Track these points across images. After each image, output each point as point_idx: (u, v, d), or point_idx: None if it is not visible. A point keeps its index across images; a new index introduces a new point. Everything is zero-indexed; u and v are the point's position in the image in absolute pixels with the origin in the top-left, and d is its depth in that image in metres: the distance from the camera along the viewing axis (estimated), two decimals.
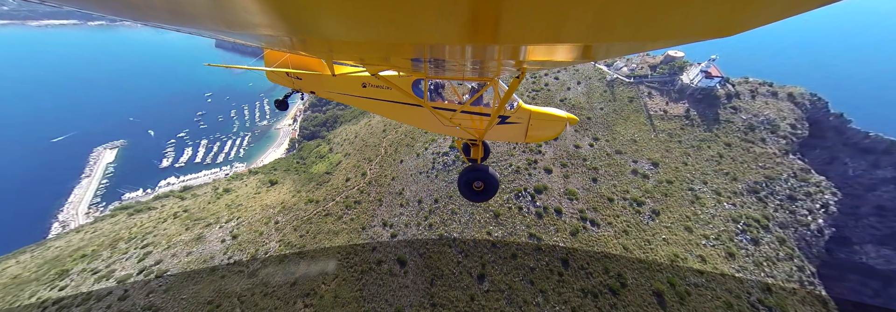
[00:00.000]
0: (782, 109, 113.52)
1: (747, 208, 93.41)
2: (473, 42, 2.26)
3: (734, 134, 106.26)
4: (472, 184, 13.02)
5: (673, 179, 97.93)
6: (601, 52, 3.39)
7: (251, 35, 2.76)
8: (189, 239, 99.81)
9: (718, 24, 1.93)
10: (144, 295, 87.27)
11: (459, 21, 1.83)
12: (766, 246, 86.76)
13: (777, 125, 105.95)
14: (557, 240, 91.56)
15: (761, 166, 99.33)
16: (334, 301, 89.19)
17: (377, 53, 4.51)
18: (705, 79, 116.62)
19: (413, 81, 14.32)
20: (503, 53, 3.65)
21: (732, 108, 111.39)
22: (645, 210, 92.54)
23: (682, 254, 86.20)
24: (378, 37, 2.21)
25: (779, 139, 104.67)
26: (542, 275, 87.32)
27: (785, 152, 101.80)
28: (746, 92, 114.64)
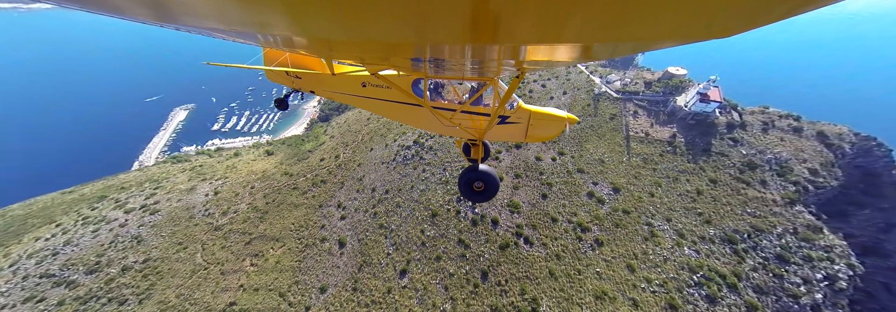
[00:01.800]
0: (803, 150, 68.21)
1: (714, 258, 56.94)
2: (473, 42, 1.77)
3: (725, 170, 67.53)
4: (472, 184, 9.83)
5: (631, 209, 63.83)
6: (602, 51, 2.51)
7: (250, 34, 2.12)
8: (184, 189, 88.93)
9: (719, 23, 1.46)
10: (136, 226, 78.58)
11: (459, 21, 1.41)
12: (726, 309, 52.44)
13: (789, 168, 65.02)
14: (484, 251, 69.28)
15: (750, 213, 61.34)
16: (275, 266, 76.89)
17: (377, 52, 3.18)
18: (700, 102, 74.74)
19: (413, 81, 10.27)
20: (503, 52, 2.72)
21: (731, 139, 71.73)
22: (588, 238, 60.54)
23: (611, 293, 58.83)
24: (378, 37, 1.72)
25: (787, 185, 63.60)
26: (459, 283, 66.89)
27: (790, 201, 61.39)
28: (757, 123, 73.22)
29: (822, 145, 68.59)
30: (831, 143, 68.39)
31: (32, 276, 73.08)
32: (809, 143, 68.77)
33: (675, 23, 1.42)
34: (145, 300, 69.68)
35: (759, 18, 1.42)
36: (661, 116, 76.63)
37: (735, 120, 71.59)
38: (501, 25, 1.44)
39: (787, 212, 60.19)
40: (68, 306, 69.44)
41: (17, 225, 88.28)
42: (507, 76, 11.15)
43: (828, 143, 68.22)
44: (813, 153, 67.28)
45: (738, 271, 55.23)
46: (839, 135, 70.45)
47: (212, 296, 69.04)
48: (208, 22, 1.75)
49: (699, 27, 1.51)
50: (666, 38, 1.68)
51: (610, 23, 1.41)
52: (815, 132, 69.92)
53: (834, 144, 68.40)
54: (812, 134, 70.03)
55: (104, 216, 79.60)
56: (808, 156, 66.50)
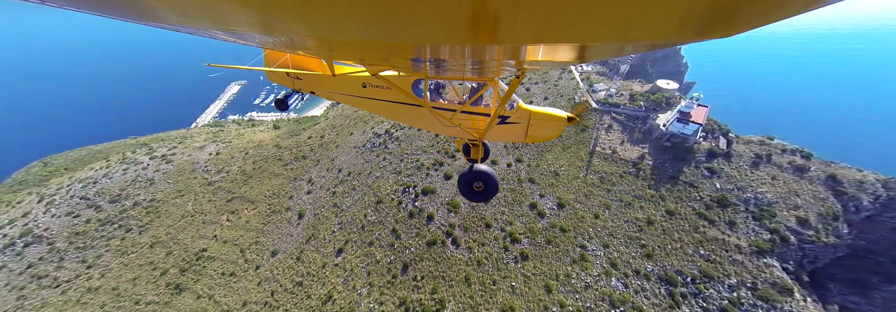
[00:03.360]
0: (799, 194, 51.38)
1: (643, 296, 45.30)
2: (474, 42, 1.55)
3: (689, 203, 52.74)
4: (472, 184, 8.73)
5: (570, 228, 52.96)
6: (602, 51, 2.28)
7: (250, 35, 1.90)
8: (197, 146, 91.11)
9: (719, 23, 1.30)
10: (153, 171, 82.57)
11: (459, 21, 1.26)
12: None
13: (770, 212, 49.37)
14: (412, 244, 62.25)
15: (702, 256, 47.49)
16: (244, 225, 76.06)
17: (377, 52, 2.90)
18: (678, 122, 58.84)
19: (413, 81, 9.10)
20: (503, 52, 2.42)
21: (708, 169, 55.61)
22: (515, 250, 51.50)
23: (519, 310, 49.63)
24: (378, 37, 1.52)
25: (761, 231, 48.60)
26: (381, 271, 60.85)
27: (758, 251, 46.78)
28: (748, 155, 56.34)
29: (830, 192, 51.68)
30: (844, 191, 51.25)
31: (76, 196, 79.78)
32: (811, 187, 52.14)
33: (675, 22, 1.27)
34: (144, 232, 73.01)
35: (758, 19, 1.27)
36: (637, 133, 62.74)
37: (720, 148, 56.11)
38: (501, 25, 1.29)
39: (752, 263, 46.21)
40: (92, 224, 74.87)
41: (90, 157, 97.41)
42: (507, 76, 8.89)
43: (839, 190, 51.22)
44: (812, 200, 50.93)
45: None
46: (859, 183, 52.65)
47: (191, 240, 70.51)
48: (209, 24, 1.56)
49: (699, 27, 1.33)
50: (666, 37, 1.47)
51: (609, 22, 1.27)
52: (825, 175, 52.78)
53: (847, 192, 51.21)
54: (819, 177, 53.04)
55: (136, 159, 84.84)
56: (802, 202, 50.45)
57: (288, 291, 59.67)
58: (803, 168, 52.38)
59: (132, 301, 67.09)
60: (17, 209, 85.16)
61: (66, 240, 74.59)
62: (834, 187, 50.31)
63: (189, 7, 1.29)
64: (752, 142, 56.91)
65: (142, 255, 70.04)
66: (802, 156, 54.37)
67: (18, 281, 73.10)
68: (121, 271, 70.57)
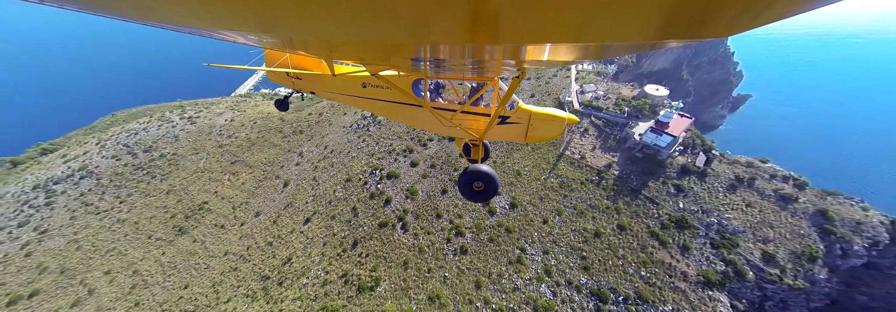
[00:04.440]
0: (776, 226, 41.96)
1: (568, 307, 40.49)
2: (474, 42, 1.43)
3: (644, 220, 45.52)
4: (472, 184, 7.45)
5: (515, 229, 48.16)
6: (602, 51, 2.11)
7: (250, 35, 1.79)
8: (217, 113, 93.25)
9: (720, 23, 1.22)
10: (179, 130, 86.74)
11: (459, 21, 1.18)
12: None
13: (733, 242, 41.19)
14: (366, 223, 59.75)
15: (642, 277, 41.29)
16: (241, 186, 77.60)
17: (377, 52, 2.63)
18: (652, 132, 50.55)
19: (413, 81, 8.38)
20: (503, 52, 2.20)
21: (676, 187, 47.18)
22: (457, 243, 47.89)
23: (445, 300, 45.33)
24: (378, 37, 1.41)
25: (715, 261, 40.76)
26: (334, 243, 59.52)
27: (705, 281, 39.55)
28: (726, 175, 46.90)
29: (814, 230, 42.32)
30: (833, 230, 41.67)
31: (121, 143, 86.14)
32: (791, 220, 42.94)
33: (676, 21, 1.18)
34: (164, 180, 77.47)
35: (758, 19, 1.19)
36: (611, 140, 54.67)
37: (695, 165, 47.31)
38: (501, 25, 1.21)
39: (695, 293, 39.42)
40: (128, 168, 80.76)
41: (142, 113, 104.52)
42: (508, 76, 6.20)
43: (827, 228, 41.75)
44: (788, 235, 42.03)
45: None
46: (856, 224, 42.60)
47: (197, 192, 73.78)
48: (209, 24, 1.44)
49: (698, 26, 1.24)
50: (666, 37, 1.36)
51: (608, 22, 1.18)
52: (814, 209, 43.16)
53: (836, 233, 41.60)
54: (806, 210, 43.48)
55: (169, 118, 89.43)
56: (775, 236, 41.76)
57: (260, 248, 60.86)
58: (789, 198, 42.89)
59: (146, 234, 72.10)
60: (82, 148, 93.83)
61: (108, 178, 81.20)
62: (821, 225, 40.81)
63: (189, 7, 1.21)
64: (737, 163, 47.41)
65: (159, 199, 74.71)
66: (795, 185, 44.48)
67: (73, 204, 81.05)
68: (142, 209, 75.92)
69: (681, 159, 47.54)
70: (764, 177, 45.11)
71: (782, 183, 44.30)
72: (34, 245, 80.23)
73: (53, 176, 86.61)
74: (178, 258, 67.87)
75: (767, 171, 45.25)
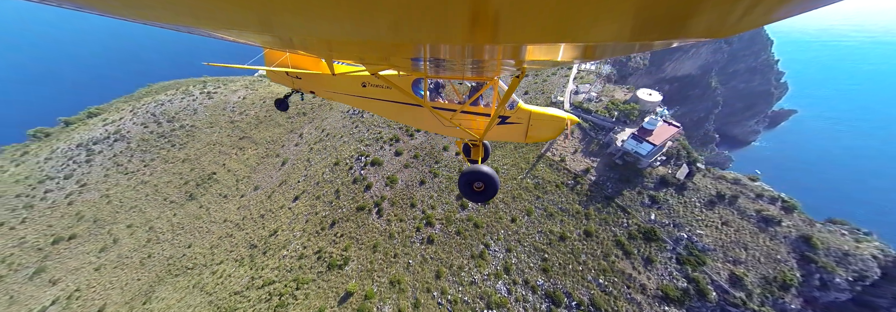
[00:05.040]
0: (750, 248, 37.69)
1: (521, 306, 39.19)
2: (474, 42, 1.36)
3: (612, 228, 42.18)
4: (472, 184, 7.06)
5: (483, 225, 46.14)
6: (602, 51, 2.02)
7: (250, 35, 1.67)
8: (233, 90, 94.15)
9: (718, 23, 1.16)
10: (198, 103, 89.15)
11: (460, 21, 1.14)
12: None
13: (699, 260, 37.18)
14: (345, 205, 58.85)
15: (599, 285, 38.59)
16: (245, 161, 78.03)
17: (377, 52, 2.51)
18: (633, 139, 45.79)
19: (413, 81, 7.77)
20: (503, 52, 2.12)
21: (651, 198, 43.02)
22: (425, 232, 47.07)
23: (404, 285, 44.40)
24: (378, 37, 1.35)
25: (678, 277, 37.22)
26: (315, 221, 59.11)
27: (664, 297, 36.27)
28: (708, 191, 41.87)
29: (793, 256, 37.94)
30: (814, 259, 37.17)
31: (149, 112, 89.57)
32: (770, 244, 38.62)
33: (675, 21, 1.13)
34: (181, 149, 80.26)
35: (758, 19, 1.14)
36: (594, 145, 50.58)
37: (675, 177, 43.00)
38: (501, 25, 1.17)
39: (651, 307, 36.70)
40: (153, 135, 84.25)
41: (172, 86, 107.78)
42: (508, 76, 6.89)
43: (808, 256, 37.28)
44: (762, 259, 37.94)
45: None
46: (843, 254, 37.81)
47: (208, 163, 76.15)
48: (209, 24, 1.39)
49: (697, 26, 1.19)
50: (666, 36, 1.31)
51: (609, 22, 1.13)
52: (797, 235, 38.53)
53: (818, 262, 37.13)
54: (789, 235, 38.89)
55: (192, 92, 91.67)
56: (748, 258, 37.79)
57: (253, 219, 62.31)
58: (771, 220, 38.32)
59: (162, 196, 75.64)
60: (119, 114, 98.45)
61: (136, 143, 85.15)
62: (803, 252, 36.35)
63: (189, 7, 1.16)
64: (723, 178, 42.66)
65: (176, 166, 77.63)
66: (783, 207, 39.64)
67: (106, 164, 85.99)
68: (162, 174, 79.38)
69: (662, 169, 43.25)
70: (748, 196, 40.37)
71: (768, 204, 39.52)
72: (75, 196, 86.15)
73: (93, 137, 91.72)
74: (185, 221, 70.94)
75: (754, 190, 40.42)
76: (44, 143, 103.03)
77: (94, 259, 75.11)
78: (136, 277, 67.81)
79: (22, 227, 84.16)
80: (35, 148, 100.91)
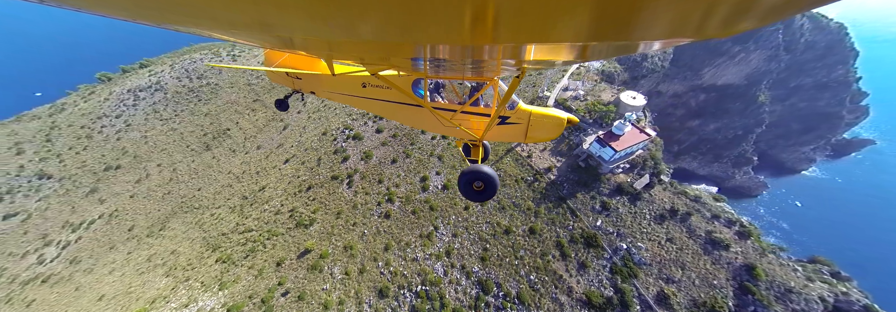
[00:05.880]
0: (687, 269, 33.05)
1: (453, 288, 38.52)
2: (474, 42, 1.27)
3: (556, 229, 39.11)
4: (472, 184, 6.66)
5: (437, 208, 44.60)
6: (602, 51, 1.83)
7: (250, 35, 1.55)
8: (253, 55, 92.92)
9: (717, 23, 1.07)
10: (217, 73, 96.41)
11: (460, 21, 1.07)
12: None
13: (633, 273, 33.82)
14: (323, 173, 58.20)
15: (529, 282, 36.84)
16: (255, 122, 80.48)
17: (377, 52, 2.40)
18: (597, 143, 40.96)
19: (413, 81, 7.27)
20: (503, 52, 1.96)
21: (602, 204, 38.96)
22: (385, 208, 46.00)
23: (356, 252, 41.92)
24: (378, 37, 1.26)
25: (606, 285, 34.35)
26: (295, 184, 58.39)
27: (587, 301, 33.52)
28: (662, 204, 37.05)
29: (732, 284, 34.03)
30: (752, 289, 33.14)
31: (184, 68, 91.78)
32: (711, 267, 34.73)
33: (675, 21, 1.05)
34: (205, 104, 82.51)
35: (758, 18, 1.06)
36: (564, 144, 46.08)
37: (633, 186, 38.61)
38: (500, 25, 1.10)
39: (572, 309, 34.79)
40: (184, 89, 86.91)
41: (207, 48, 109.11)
42: (508, 76, 6.23)
43: (746, 286, 33.30)
44: (696, 281, 34.42)
45: (459, 309, 36.65)
46: (786, 290, 33.47)
47: (224, 120, 78.44)
48: (209, 25, 1.31)
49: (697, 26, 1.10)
50: (666, 37, 1.23)
51: (608, 22, 1.06)
52: (742, 263, 34.26)
53: (756, 294, 33.09)
54: (733, 262, 34.67)
55: (220, 53, 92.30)
56: (682, 278, 34.39)
57: (250, 174, 64.21)
58: (719, 244, 34.07)
59: (186, 144, 79.50)
60: (162, 67, 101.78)
61: (171, 94, 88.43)
62: (743, 281, 32.34)
63: (189, 8, 1.10)
64: (684, 194, 37.92)
65: (199, 119, 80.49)
66: (738, 233, 34.94)
67: (147, 109, 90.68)
68: (188, 124, 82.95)
69: (623, 176, 38.92)
70: (704, 215, 35.79)
71: (722, 227, 34.94)
72: (122, 134, 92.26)
73: (140, 85, 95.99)
74: (200, 167, 74.46)
75: (712, 210, 35.71)
76: (106, 85, 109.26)
77: (130, 188, 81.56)
78: (157, 208, 73.25)
79: (84, 153, 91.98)
80: (99, 89, 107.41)
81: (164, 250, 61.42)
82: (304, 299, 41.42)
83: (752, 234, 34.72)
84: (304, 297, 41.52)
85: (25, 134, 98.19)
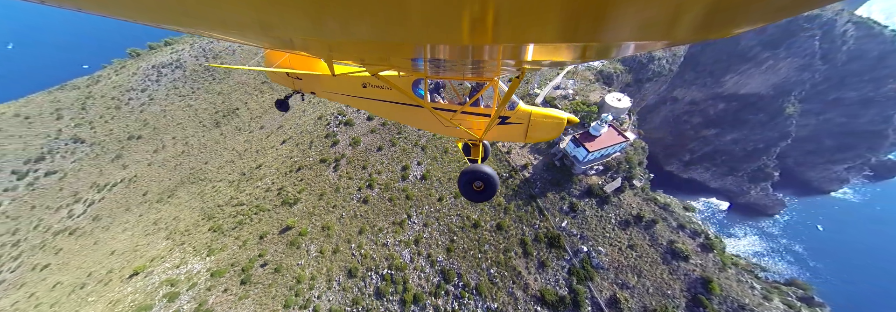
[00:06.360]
0: (643, 276, 31.06)
1: (417, 275, 38.12)
2: (473, 42, 1.23)
3: (522, 226, 37.72)
4: (472, 184, 6.47)
5: (413, 198, 43.75)
6: (601, 52, 1.73)
7: (250, 36, 1.46)
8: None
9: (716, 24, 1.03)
10: (237, 46, 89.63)
11: (459, 21, 1.03)
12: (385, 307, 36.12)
13: (590, 275, 31.84)
14: (313, 155, 57.08)
15: (489, 275, 36.02)
16: (262, 103, 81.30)
17: (377, 53, 2.29)
18: (571, 142, 38.68)
19: (413, 82, 7.04)
20: (503, 52, 1.84)
21: (570, 206, 37.03)
22: (364, 193, 45.60)
23: (331, 231, 42.42)
24: (378, 37, 1.22)
25: (562, 285, 32.91)
26: (288, 164, 59.31)
27: (540, 298, 32.52)
28: (630, 210, 34.63)
29: (686, 295, 32.50)
30: (706, 303, 31.55)
31: (201, 48, 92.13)
32: (666, 277, 33.28)
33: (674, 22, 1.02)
34: (219, 83, 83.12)
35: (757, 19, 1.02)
36: (545, 143, 44.02)
37: (603, 189, 36.78)
38: (500, 25, 1.06)
39: (526, 304, 34.29)
40: (200, 68, 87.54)
41: None
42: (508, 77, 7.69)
43: (700, 299, 31.69)
44: (650, 290, 33.22)
45: (420, 295, 36.62)
46: (738, 306, 31.66)
47: (235, 99, 79.31)
48: (209, 25, 1.26)
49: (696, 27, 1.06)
50: (665, 38, 1.19)
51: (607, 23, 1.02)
52: (697, 276, 32.54)
53: (708, 307, 31.45)
54: (690, 274, 32.97)
55: None
56: (637, 285, 33.15)
57: (250, 152, 65.25)
58: (679, 254, 32.39)
59: (199, 120, 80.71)
60: (183, 45, 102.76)
61: (189, 72, 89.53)
62: (697, 294, 30.77)
63: (190, 8, 1.05)
64: (653, 201, 35.85)
65: (212, 97, 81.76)
66: (701, 245, 33.05)
67: (168, 85, 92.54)
68: (202, 102, 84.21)
69: (595, 179, 37.05)
70: (670, 224, 33.93)
71: (687, 238, 33.07)
72: (145, 106, 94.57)
73: (162, 62, 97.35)
74: (209, 142, 76.00)
75: (679, 219, 33.77)
76: (134, 61, 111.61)
77: (149, 157, 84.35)
78: (169, 177, 75.60)
79: (112, 122, 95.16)
80: (129, 64, 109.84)
81: (168, 215, 63.69)
82: (280, 271, 42.24)
83: (716, 247, 32.73)
84: (280, 270, 42.34)
85: (65, 101, 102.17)
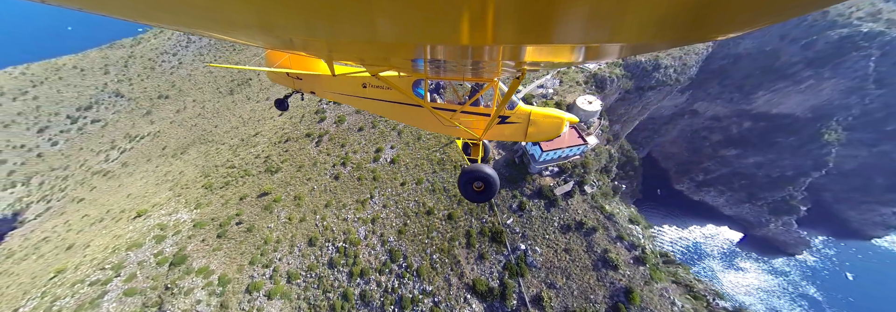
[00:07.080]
0: (571, 279, 29.01)
1: (367, 251, 37.79)
2: (473, 43, 1.17)
3: (470, 218, 36.68)
4: (472, 184, 6.12)
5: (379, 179, 42.96)
6: (601, 53, 1.67)
7: (250, 36, 1.40)
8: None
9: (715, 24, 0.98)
10: None
11: (459, 21, 0.98)
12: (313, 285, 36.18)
13: (521, 273, 30.34)
14: (300, 130, 57.93)
15: (432, 259, 35.33)
16: (262, 82, 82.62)
17: (377, 53, 2.22)
18: (533, 143, 35.59)
19: (413, 82, 6.78)
20: (503, 53, 1.76)
21: (519, 204, 35.11)
22: (337, 170, 45.00)
23: (302, 204, 44.83)
24: (378, 37, 1.16)
25: (493, 278, 31.58)
26: (279, 135, 60.26)
27: (471, 287, 31.85)
28: (574, 214, 31.89)
29: (607, 302, 31.03)
30: (623, 309, 29.95)
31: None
32: (595, 284, 31.78)
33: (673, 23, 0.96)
34: (238, 53, 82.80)
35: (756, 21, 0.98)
36: None
37: (553, 192, 34.70)
38: (499, 25, 1.01)
39: (456, 290, 34.00)
40: (210, 48, 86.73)
41: None
42: (507, 77, 5.73)
43: (619, 307, 30.12)
44: (576, 293, 31.95)
45: (367, 269, 36.82)
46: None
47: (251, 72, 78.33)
48: (210, 25, 1.21)
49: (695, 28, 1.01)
50: (663, 39, 1.13)
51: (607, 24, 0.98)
52: (624, 285, 30.71)
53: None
54: (616, 282, 31.19)
55: None
56: (562, 286, 31.96)
57: (253, 121, 65.80)
58: (610, 264, 30.69)
59: (216, 87, 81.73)
60: None
61: (214, 40, 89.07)
62: (617, 302, 29.34)
63: (190, 8, 1.01)
64: (600, 209, 33.65)
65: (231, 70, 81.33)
66: (636, 258, 31.10)
67: (195, 52, 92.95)
68: (220, 70, 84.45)
69: (548, 180, 34.93)
70: (609, 234, 32.01)
71: (623, 249, 31.18)
72: (174, 69, 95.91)
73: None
74: (221, 108, 77.25)
75: (621, 230, 31.72)
76: None
77: (172, 116, 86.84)
78: (185, 135, 78.05)
79: (146, 81, 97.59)
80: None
81: (176, 169, 66.22)
82: (251, 231, 43.39)
83: (649, 262, 30.61)
84: (252, 230, 43.46)
85: (112, 59, 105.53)
